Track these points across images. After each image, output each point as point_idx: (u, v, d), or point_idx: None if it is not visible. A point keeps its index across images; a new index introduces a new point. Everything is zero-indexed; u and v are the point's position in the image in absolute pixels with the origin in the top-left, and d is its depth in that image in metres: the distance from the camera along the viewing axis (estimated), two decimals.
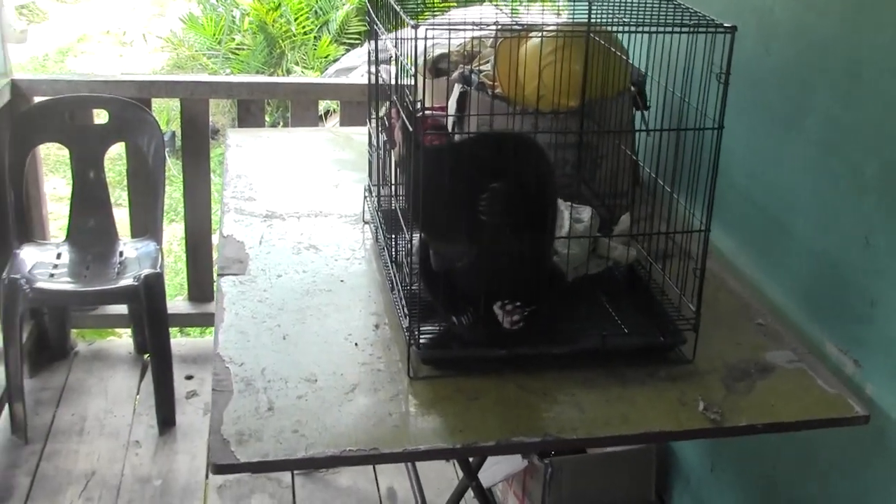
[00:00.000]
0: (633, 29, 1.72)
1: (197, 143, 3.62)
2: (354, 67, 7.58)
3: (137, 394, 3.53)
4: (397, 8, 1.88)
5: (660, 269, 1.99)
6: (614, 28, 1.73)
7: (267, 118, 6.96)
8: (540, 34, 2.28)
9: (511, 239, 1.78)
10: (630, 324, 1.92)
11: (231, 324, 1.92)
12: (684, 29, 1.71)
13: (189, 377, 3.62)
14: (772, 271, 2.18)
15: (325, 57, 8.98)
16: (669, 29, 1.71)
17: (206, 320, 3.82)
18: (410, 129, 1.79)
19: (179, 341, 4.03)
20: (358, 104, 3.50)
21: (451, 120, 2.52)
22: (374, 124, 2.41)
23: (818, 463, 2.04)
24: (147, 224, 3.51)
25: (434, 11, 2.22)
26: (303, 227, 2.37)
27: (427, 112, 2.72)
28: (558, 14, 3.18)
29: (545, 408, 1.72)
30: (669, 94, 1.90)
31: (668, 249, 2.02)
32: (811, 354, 1.96)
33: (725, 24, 1.68)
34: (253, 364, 1.79)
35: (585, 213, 2.15)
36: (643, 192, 2.43)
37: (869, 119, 1.86)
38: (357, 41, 9.19)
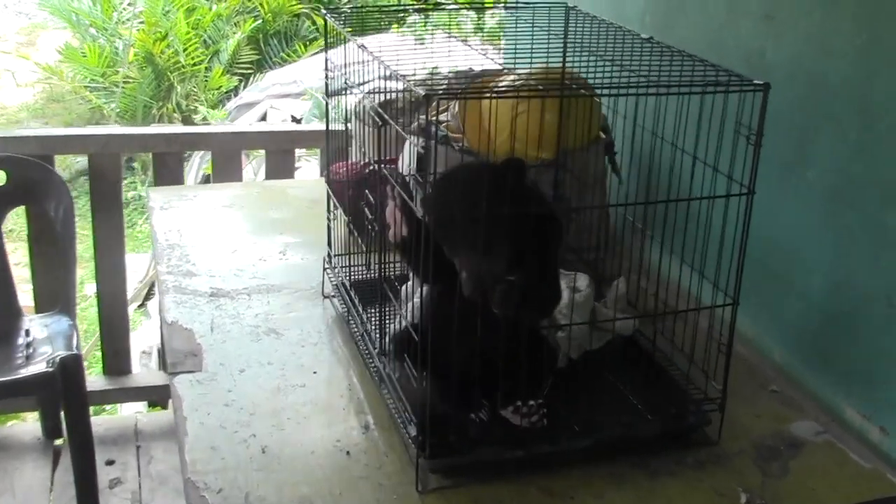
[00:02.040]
0: (646, 91, 1.52)
1: (109, 201, 3.32)
2: (256, 102, 7.29)
3: (52, 488, 3.15)
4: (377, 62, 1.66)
5: (669, 339, 1.82)
6: (626, 92, 1.52)
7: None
8: (511, 83, 2.09)
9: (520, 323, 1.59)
10: (649, 405, 1.74)
11: (197, 437, 1.68)
12: (710, 88, 1.53)
13: (110, 462, 3.25)
14: (779, 333, 2.03)
15: (218, 88, 8.65)
16: (698, 89, 1.53)
17: (125, 396, 3.52)
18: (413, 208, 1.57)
19: (95, 420, 3.66)
20: (284, 154, 3.26)
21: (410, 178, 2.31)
22: (332, 186, 2.19)
23: None
24: (57, 297, 3.17)
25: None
26: (256, 307, 2.13)
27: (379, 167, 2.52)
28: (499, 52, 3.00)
29: None
30: (678, 153, 1.72)
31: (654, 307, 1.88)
32: (835, 423, 1.82)
33: (757, 82, 1.52)
34: (232, 489, 1.55)
35: (582, 280, 1.97)
36: (614, 246, 2.27)
37: (887, 168, 1.72)
38: (249, 71, 8.89)
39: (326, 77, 2.10)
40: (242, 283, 2.23)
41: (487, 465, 1.60)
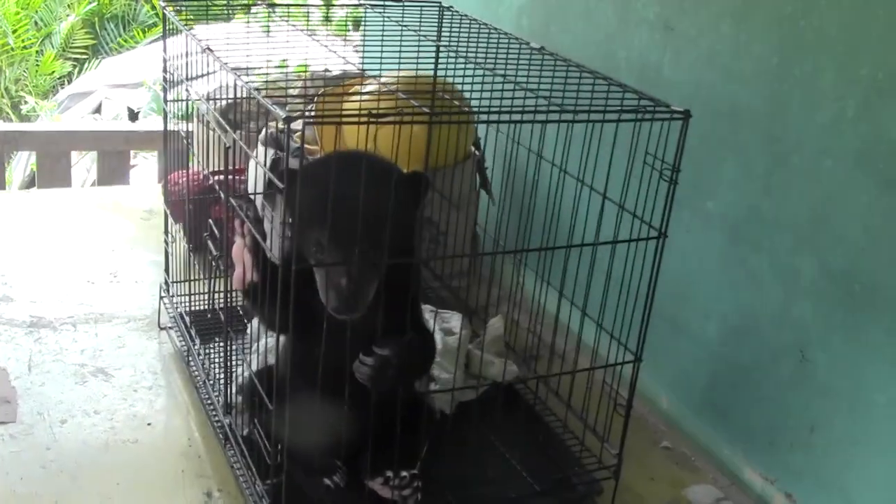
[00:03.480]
0: (558, 118, 1.29)
1: None
2: (90, 92, 6.78)
3: None
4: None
5: (553, 390, 1.63)
6: (533, 119, 1.29)
7: None
8: (376, 90, 1.86)
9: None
10: (535, 472, 1.53)
11: None
12: (626, 116, 1.32)
13: None
14: (667, 380, 1.85)
15: (50, 74, 8.07)
16: (613, 116, 1.32)
17: None
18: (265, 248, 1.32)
19: None
20: (118, 155, 2.93)
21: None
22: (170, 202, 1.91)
23: None
24: None
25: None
26: (82, 340, 1.83)
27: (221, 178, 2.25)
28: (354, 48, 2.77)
29: None
30: (575, 185, 1.52)
31: (536, 350, 1.69)
32: (734, 486, 1.66)
33: (677, 109, 1.33)
34: None
35: (454, 320, 1.75)
36: (480, 270, 2.08)
37: (803, 213, 1.57)
38: (84, 56, 8.34)
39: (165, 72, 1.80)
40: (67, 311, 1.93)
41: None
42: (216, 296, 1.56)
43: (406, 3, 1.93)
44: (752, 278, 1.67)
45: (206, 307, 1.80)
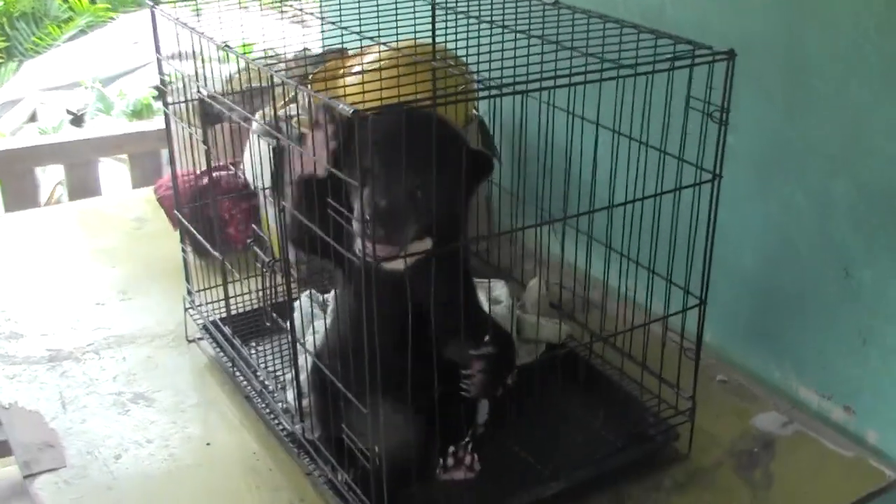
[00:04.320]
0: (588, 78, 1.25)
1: None
2: (19, 99, 6.51)
3: None
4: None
5: (612, 346, 1.61)
6: (584, 80, 1.24)
7: None
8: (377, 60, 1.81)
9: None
10: (611, 428, 1.52)
11: None
12: (678, 64, 1.29)
13: None
14: (711, 318, 1.81)
15: None
16: (664, 66, 1.28)
17: None
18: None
19: None
20: (87, 165, 2.83)
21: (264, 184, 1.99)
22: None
23: None
24: None
25: None
26: (111, 367, 1.77)
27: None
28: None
29: None
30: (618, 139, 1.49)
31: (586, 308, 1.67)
32: (795, 409, 1.67)
33: (720, 50, 1.30)
34: None
35: (499, 287, 1.72)
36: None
37: (832, 136, 1.56)
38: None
39: (160, 65, 1.72)
40: (85, 339, 1.86)
41: None
42: (269, 293, 1.49)
43: None
44: (785, 207, 1.66)
45: (239, 311, 1.76)
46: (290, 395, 1.52)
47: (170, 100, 1.75)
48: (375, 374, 1.22)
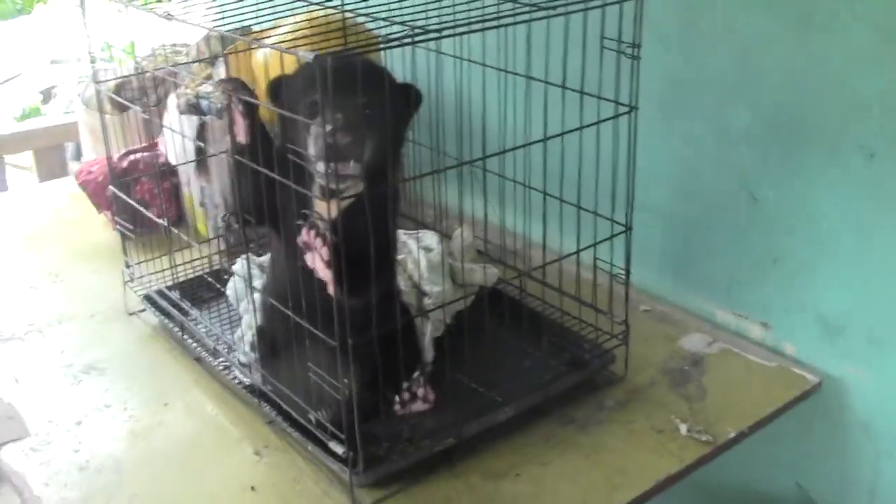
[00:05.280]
0: (529, 17, 1.34)
1: None
2: None
3: None
4: None
5: (544, 282, 1.70)
6: (498, 24, 1.32)
7: None
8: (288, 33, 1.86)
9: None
10: (553, 356, 1.62)
11: None
12: (576, 7, 1.38)
13: None
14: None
15: None
16: (560, 10, 1.37)
17: None
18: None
19: None
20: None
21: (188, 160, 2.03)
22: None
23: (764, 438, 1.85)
24: None
25: None
26: (56, 343, 1.80)
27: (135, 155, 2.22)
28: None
29: (531, 493, 1.39)
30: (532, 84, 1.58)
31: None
32: (718, 329, 1.79)
33: None
34: None
35: (429, 237, 1.81)
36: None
37: (725, 68, 1.68)
38: None
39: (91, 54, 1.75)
40: (24, 320, 1.88)
41: (417, 465, 1.42)
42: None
43: None
44: (685, 138, 1.78)
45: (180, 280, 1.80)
46: (243, 351, 1.58)
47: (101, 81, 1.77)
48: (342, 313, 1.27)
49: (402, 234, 1.85)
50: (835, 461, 1.70)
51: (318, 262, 1.26)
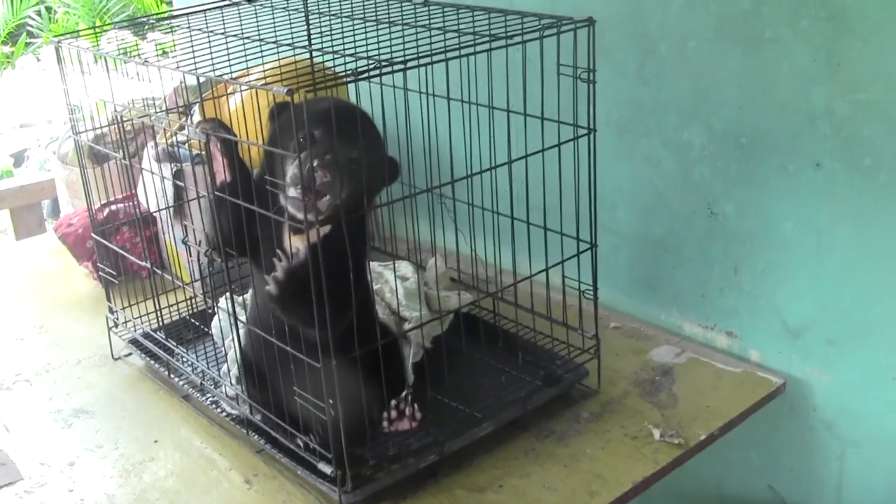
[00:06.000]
0: (473, 50, 1.41)
1: None
2: None
3: None
4: None
5: (516, 304, 1.77)
6: (459, 54, 1.40)
7: None
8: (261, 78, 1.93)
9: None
10: (529, 373, 1.69)
11: None
12: (547, 32, 1.47)
13: None
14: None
15: None
16: (533, 36, 1.46)
17: None
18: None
19: None
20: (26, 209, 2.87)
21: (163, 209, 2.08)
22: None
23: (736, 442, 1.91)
24: None
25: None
26: (44, 390, 1.83)
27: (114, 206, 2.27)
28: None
29: (514, 503, 1.44)
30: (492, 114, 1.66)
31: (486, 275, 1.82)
32: (686, 340, 1.87)
33: (581, 19, 1.49)
34: None
35: (405, 267, 1.88)
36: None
37: (681, 91, 1.77)
38: None
39: (67, 97, 1.81)
40: (11, 370, 1.92)
41: (404, 481, 1.47)
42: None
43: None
44: (647, 160, 1.87)
45: (159, 325, 1.85)
46: (230, 384, 1.63)
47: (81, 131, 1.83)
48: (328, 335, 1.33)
49: (377, 266, 1.91)
50: (803, 460, 1.76)
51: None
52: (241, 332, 1.61)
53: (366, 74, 1.28)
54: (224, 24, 1.80)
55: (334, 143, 1.36)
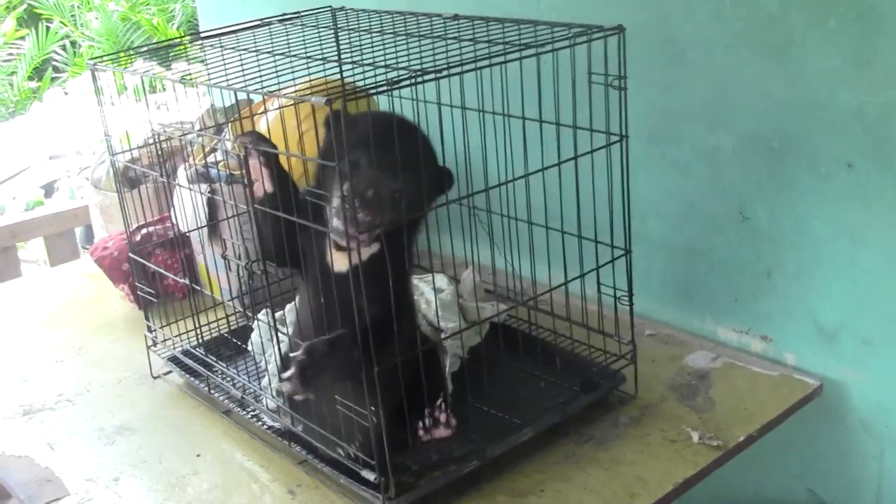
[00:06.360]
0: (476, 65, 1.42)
1: None
2: None
3: None
4: None
5: (552, 313, 1.78)
6: (489, 63, 1.42)
7: None
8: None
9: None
10: (566, 379, 1.70)
11: None
12: (563, 43, 1.49)
13: None
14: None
15: None
16: (564, 44, 1.48)
17: None
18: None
19: None
20: (6, 250, 2.89)
21: (199, 231, 2.11)
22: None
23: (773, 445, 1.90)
24: None
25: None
26: (86, 409, 1.86)
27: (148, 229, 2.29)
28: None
29: None
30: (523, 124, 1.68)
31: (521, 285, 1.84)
32: (721, 346, 1.87)
33: (611, 27, 1.51)
34: None
35: (441, 279, 1.89)
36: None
37: (708, 97, 1.78)
38: None
39: (108, 144, 1.85)
40: (54, 391, 1.94)
41: (446, 488, 1.48)
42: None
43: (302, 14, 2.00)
44: (676, 167, 1.88)
45: (204, 339, 1.88)
46: (271, 396, 1.65)
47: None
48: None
49: (413, 279, 1.93)
50: (841, 461, 1.76)
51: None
52: (284, 345, 1.63)
53: (401, 83, 1.29)
54: (255, 42, 1.83)
55: (375, 175, 1.38)
